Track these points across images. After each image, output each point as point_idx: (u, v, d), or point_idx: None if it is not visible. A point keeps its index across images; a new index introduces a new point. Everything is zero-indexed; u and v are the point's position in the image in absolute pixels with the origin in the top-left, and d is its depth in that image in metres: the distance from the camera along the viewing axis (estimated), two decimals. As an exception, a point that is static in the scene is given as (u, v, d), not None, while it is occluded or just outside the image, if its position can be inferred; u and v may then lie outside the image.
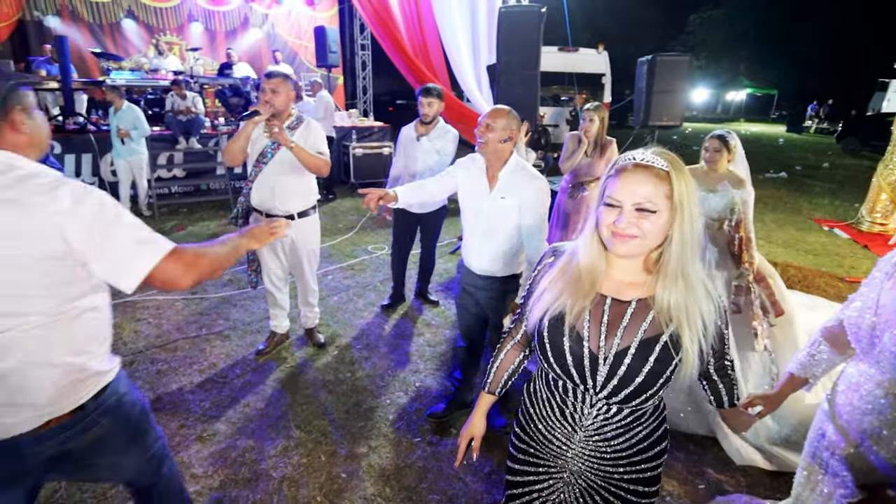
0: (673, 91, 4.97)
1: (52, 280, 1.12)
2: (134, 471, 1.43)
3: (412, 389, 2.89)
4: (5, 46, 8.53)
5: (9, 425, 1.16)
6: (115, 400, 1.31)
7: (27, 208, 1.07)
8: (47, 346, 1.15)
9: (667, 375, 1.06)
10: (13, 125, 1.15)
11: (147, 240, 1.20)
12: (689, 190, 1.01)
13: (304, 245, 2.93)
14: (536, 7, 4.27)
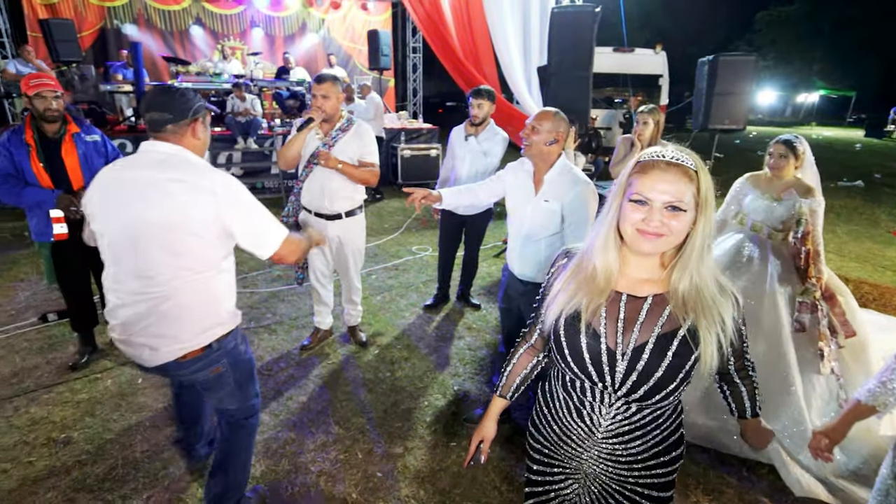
0: (736, 93, 4.70)
1: (207, 242, 1.53)
2: (234, 409, 1.82)
3: (450, 393, 2.88)
4: (88, 52, 9.24)
5: (162, 353, 1.57)
6: (233, 346, 1.71)
7: (194, 188, 1.49)
8: (198, 294, 1.56)
9: (686, 370, 1.06)
10: (194, 131, 1.60)
11: (274, 223, 1.66)
12: (712, 189, 1.03)
13: (350, 244, 2.98)
14: (590, 7, 4.16)
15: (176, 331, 1.55)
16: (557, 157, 2.12)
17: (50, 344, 3.26)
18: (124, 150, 6.58)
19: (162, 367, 1.61)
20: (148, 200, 1.48)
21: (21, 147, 2.59)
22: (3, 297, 3.92)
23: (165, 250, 1.49)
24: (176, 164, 1.52)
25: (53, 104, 2.60)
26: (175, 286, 1.52)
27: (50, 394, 2.76)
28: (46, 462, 2.29)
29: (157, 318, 1.53)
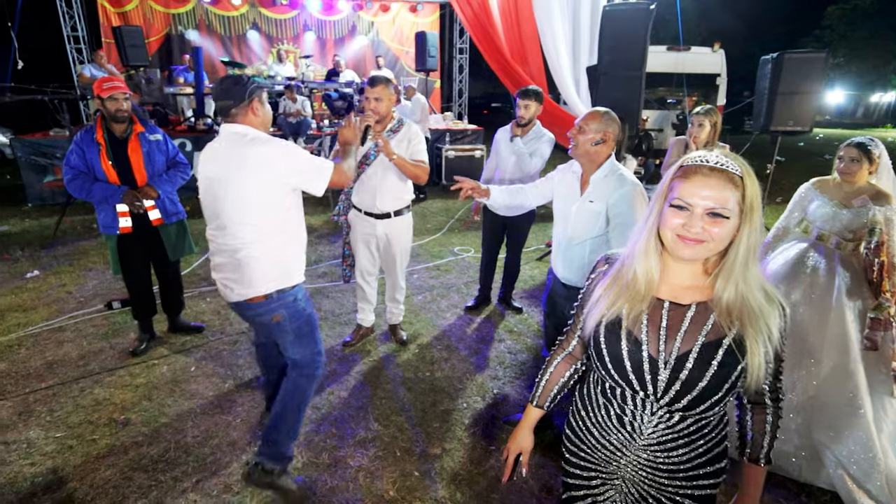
0: (802, 92, 4.42)
1: (270, 203, 1.88)
2: (295, 354, 2.12)
3: (489, 395, 2.85)
4: (154, 57, 9.81)
5: (235, 293, 1.97)
6: (292, 300, 2.01)
7: (256, 158, 1.83)
8: (262, 250, 1.90)
9: (732, 380, 1.02)
10: (252, 110, 1.91)
11: (322, 163, 1.99)
12: (758, 195, 1.00)
13: (397, 243, 3.02)
14: (645, 4, 4.01)
15: (244, 277, 1.92)
16: (606, 158, 2.06)
17: (114, 330, 3.48)
18: (184, 148, 6.94)
19: (236, 305, 2.03)
20: (224, 170, 1.86)
21: (92, 145, 2.78)
22: (73, 284, 4.22)
23: (237, 211, 1.87)
24: (244, 140, 1.86)
25: (124, 105, 2.77)
26: (244, 241, 1.89)
27: (112, 377, 2.95)
28: (107, 441, 2.44)
29: (232, 265, 1.94)
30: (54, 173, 6.67)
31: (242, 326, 3.55)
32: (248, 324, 2.33)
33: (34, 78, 7.20)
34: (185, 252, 3.21)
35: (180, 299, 3.39)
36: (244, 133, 1.87)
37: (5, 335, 3.36)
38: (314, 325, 2.15)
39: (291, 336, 2.07)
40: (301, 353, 2.12)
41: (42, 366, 3.04)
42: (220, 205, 1.89)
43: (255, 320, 2.07)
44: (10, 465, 2.28)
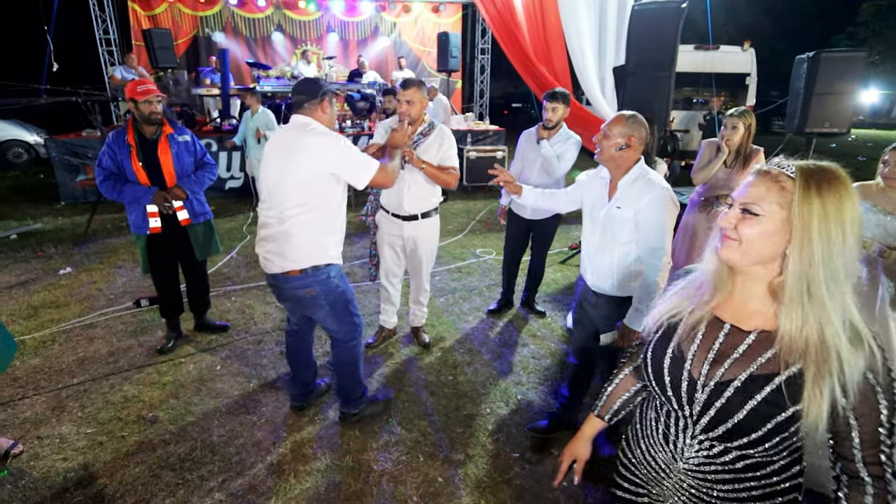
0: (840, 93, 4.25)
1: (320, 186, 2.10)
2: (333, 330, 2.38)
3: (513, 401, 2.81)
4: (181, 59, 10.02)
5: (274, 265, 2.16)
6: (325, 276, 2.20)
7: (314, 146, 2.07)
8: (305, 226, 2.11)
9: (778, 422, 0.91)
10: (322, 108, 2.17)
11: (368, 160, 2.19)
12: (825, 209, 0.85)
13: (423, 245, 3.00)
14: (676, 3, 3.91)
15: (284, 250, 2.12)
16: (633, 163, 2.00)
17: (142, 327, 3.55)
18: (210, 149, 7.06)
19: (274, 278, 2.22)
20: (286, 153, 2.09)
21: (123, 147, 2.83)
22: (103, 282, 4.31)
23: (286, 188, 2.08)
24: (306, 129, 2.11)
25: (157, 108, 2.83)
26: (288, 215, 2.08)
27: (140, 374, 3.00)
28: (136, 438, 2.48)
29: (274, 237, 2.13)
30: (86, 173, 6.86)
31: (267, 326, 3.58)
32: (284, 302, 2.41)
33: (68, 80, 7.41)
34: (211, 252, 3.25)
35: (206, 298, 3.43)
36: (308, 123, 2.13)
37: (39, 331, 3.46)
38: (349, 300, 2.35)
39: (326, 309, 2.27)
40: (337, 325, 2.34)
41: (74, 362, 3.11)
42: (273, 181, 2.11)
43: (291, 294, 2.24)
44: (43, 459, 2.33)
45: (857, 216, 0.86)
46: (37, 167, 9.40)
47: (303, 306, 2.31)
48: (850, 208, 0.86)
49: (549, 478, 2.27)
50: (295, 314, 2.49)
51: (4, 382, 2.86)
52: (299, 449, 2.41)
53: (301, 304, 2.29)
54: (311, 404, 2.72)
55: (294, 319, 2.52)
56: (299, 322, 2.51)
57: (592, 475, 2.29)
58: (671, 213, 1.94)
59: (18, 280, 4.31)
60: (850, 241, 0.85)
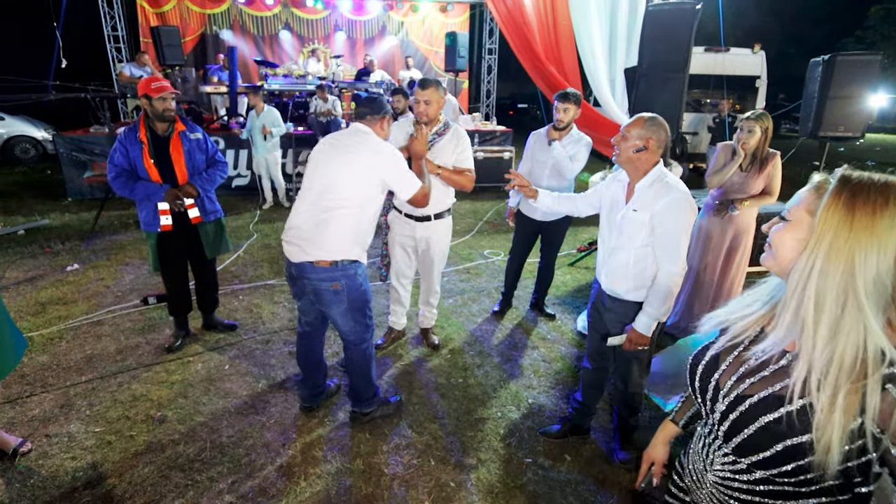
0: (854, 97, 4.21)
1: (365, 186, 2.21)
2: (345, 331, 2.37)
3: (524, 405, 2.78)
4: (189, 56, 10.02)
5: (305, 253, 2.18)
6: (353, 272, 2.25)
7: (369, 151, 2.21)
8: (343, 221, 2.18)
9: (789, 447, 0.85)
10: (381, 125, 2.33)
11: (414, 178, 2.31)
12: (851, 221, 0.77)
13: (436, 246, 2.98)
14: (690, 4, 3.87)
15: (320, 240, 2.17)
16: (651, 165, 1.96)
17: (149, 325, 3.53)
18: (217, 146, 7.04)
19: (299, 267, 2.22)
20: (345, 149, 2.22)
21: (135, 144, 2.81)
22: (111, 279, 4.30)
23: (342, 183, 2.17)
24: (364, 135, 2.27)
25: (171, 105, 2.81)
26: (333, 206, 2.16)
27: (149, 372, 2.98)
28: (145, 438, 2.45)
29: (313, 225, 2.18)
30: (94, 169, 6.86)
31: (275, 326, 3.56)
32: (301, 297, 2.41)
33: (76, 76, 7.42)
34: (221, 250, 3.23)
35: (215, 297, 3.41)
36: (368, 132, 2.28)
37: (47, 327, 3.44)
38: (367, 301, 2.37)
39: (345, 306, 2.27)
40: (350, 326, 2.34)
41: (82, 359, 3.10)
42: (322, 172, 2.21)
43: (313, 287, 2.24)
44: (52, 458, 2.31)
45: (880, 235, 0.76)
46: (44, 163, 9.42)
47: (322, 302, 2.29)
48: (887, 227, 0.76)
49: (563, 484, 2.24)
50: (309, 313, 2.46)
51: (12, 379, 2.84)
52: (309, 451, 2.39)
53: (321, 298, 2.27)
54: (321, 405, 2.69)
55: (307, 319, 2.49)
56: (312, 322, 2.49)
57: (606, 481, 2.26)
58: (688, 217, 1.91)
59: (26, 276, 4.30)
60: (878, 265, 0.76)
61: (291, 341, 3.34)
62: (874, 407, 0.77)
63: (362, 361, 2.46)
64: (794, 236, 0.87)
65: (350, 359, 2.47)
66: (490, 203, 7.11)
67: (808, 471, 0.86)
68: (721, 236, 3.26)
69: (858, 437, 0.79)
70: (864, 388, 0.77)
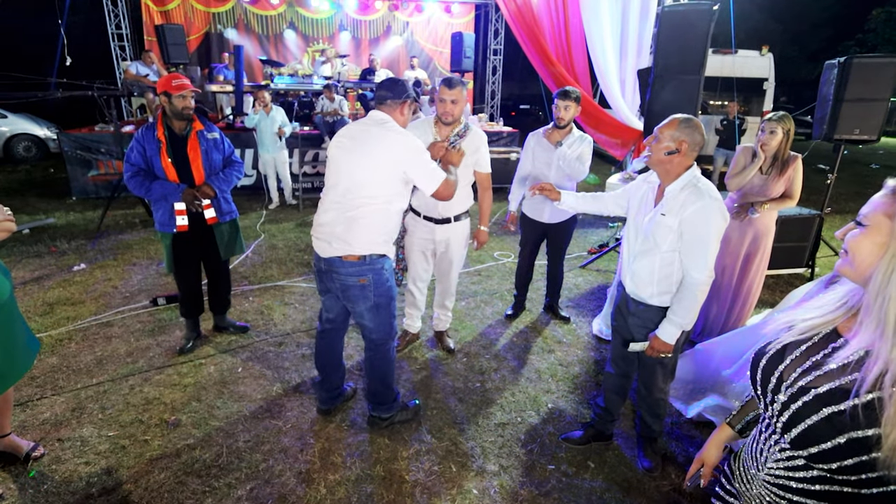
0: (871, 99, 4.17)
1: (389, 179, 2.13)
2: (370, 328, 2.32)
3: (544, 410, 2.73)
4: (193, 55, 9.97)
5: (333, 248, 2.16)
6: (380, 267, 2.22)
7: (391, 141, 2.11)
8: (371, 216, 2.13)
9: (853, 439, 0.84)
10: (401, 109, 2.24)
11: (437, 170, 2.20)
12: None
13: (455, 248, 2.93)
14: (707, 4, 3.83)
15: (348, 235, 2.13)
16: (684, 169, 1.91)
17: (159, 326, 3.48)
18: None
19: (328, 262, 2.20)
20: (359, 142, 2.14)
21: (153, 142, 2.76)
22: (118, 279, 4.25)
23: (359, 178, 2.11)
24: (384, 124, 2.17)
25: (191, 103, 2.78)
26: (360, 203, 2.11)
27: (160, 375, 2.93)
28: (159, 442, 2.41)
29: (341, 222, 2.13)
30: (98, 168, 6.80)
31: (287, 327, 3.51)
32: (327, 293, 2.37)
33: (79, 74, 7.36)
34: (235, 251, 3.19)
35: (228, 298, 3.36)
36: (386, 120, 2.18)
37: (55, 328, 3.39)
38: (392, 298, 2.33)
39: (371, 302, 2.24)
40: (376, 323, 2.30)
41: (92, 361, 3.05)
42: (346, 169, 2.14)
43: (342, 282, 2.21)
44: (65, 463, 2.26)
45: None
46: (46, 161, 9.36)
47: (349, 297, 2.25)
48: None
49: (588, 492, 2.20)
50: (333, 309, 2.42)
51: (22, 382, 2.79)
52: (328, 456, 2.34)
53: (348, 294, 2.24)
54: (338, 409, 2.65)
55: (330, 316, 2.45)
56: (334, 320, 2.45)
57: (632, 489, 2.22)
58: (719, 225, 1.85)
59: (32, 276, 4.25)
60: None
61: (304, 343, 3.30)
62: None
63: (383, 364, 2.41)
64: (874, 241, 0.86)
65: (371, 360, 2.43)
66: (498, 204, 7.05)
67: (870, 468, 0.83)
68: (740, 239, 3.22)
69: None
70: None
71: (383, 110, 2.20)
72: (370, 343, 2.39)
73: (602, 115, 6.11)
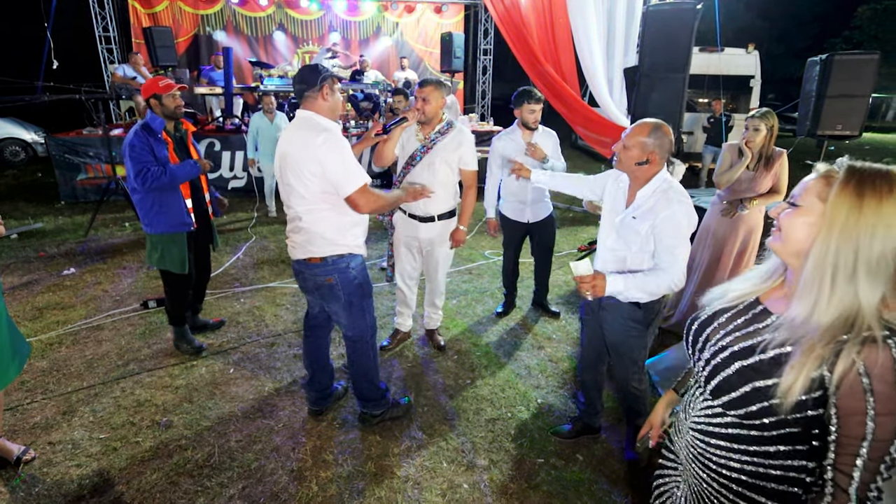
0: (852, 95, 4.26)
1: (324, 189, 2.06)
2: (345, 326, 2.36)
3: (534, 405, 2.77)
4: (182, 57, 9.92)
5: (298, 252, 2.21)
6: (344, 266, 2.21)
7: (312, 142, 2.00)
8: (319, 221, 2.13)
9: (757, 387, 0.96)
10: (323, 95, 2.09)
11: (358, 176, 2.06)
12: (861, 206, 0.86)
13: (441, 247, 2.96)
14: (690, 4, 3.90)
15: (305, 240, 2.16)
16: (654, 174, 1.91)
17: (150, 329, 3.48)
18: (213, 148, 6.99)
19: (298, 263, 2.25)
20: (291, 149, 2.07)
21: (159, 143, 2.79)
22: (108, 282, 4.24)
23: (296, 186, 2.08)
24: (307, 125, 2.07)
25: (181, 101, 2.84)
26: (301, 211, 2.12)
27: (152, 377, 2.93)
28: (151, 444, 2.41)
29: (298, 230, 2.17)
30: (87, 171, 6.76)
31: (278, 328, 3.53)
32: (307, 292, 2.42)
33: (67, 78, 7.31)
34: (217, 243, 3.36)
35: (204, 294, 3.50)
36: (311, 118, 2.10)
37: (46, 333, 3.38)
38: (365, 296, 2.33)
39: (343, 302, 2.26)
40: (350, 320, 2.32)
41: (82, 364, 3.05)
42: (286, 178, 2.11)
43: (313, 282, 2.26)
44: (56, 465, 2.27)
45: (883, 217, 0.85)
46: (34, 165, 9.28)
47: (322, 296, 2.31)
48: (892, 211, 0.85)
49: (576, 484, 2.23)
50: (315, 306, 2.47)
51: (13, 386, 2.78)
52: (319, 454, 2.36)
53: (321, 293, 2.29)
54: (329, 408, 2.67)
55: (313, 313, 2.49)
56: (318, 316, 2.48)
57: (619, 480, 2.26)
58: (685, 226, 1.85)
59: (21, 281, 4.23)
60: (884, 245, 0.85)
61: (296, 343, 3.31)
62: (841, 366, 0.86)
63: (364, 360, 2.44)
64: (805, 220, 0.94)
65: (351, 357, 2.46)
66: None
67: (771, 413, 0.96)
68: (729, 236, 3.26)
69: (816, 389, 0.89)
70: (841, 346, 0.87)
71: (305, 106, 2.11)
72: (348, 340, 2.43)
73: (590, 114, 6.16)
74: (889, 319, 0.86)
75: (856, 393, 0.85)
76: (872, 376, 0.84)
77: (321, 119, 2.10)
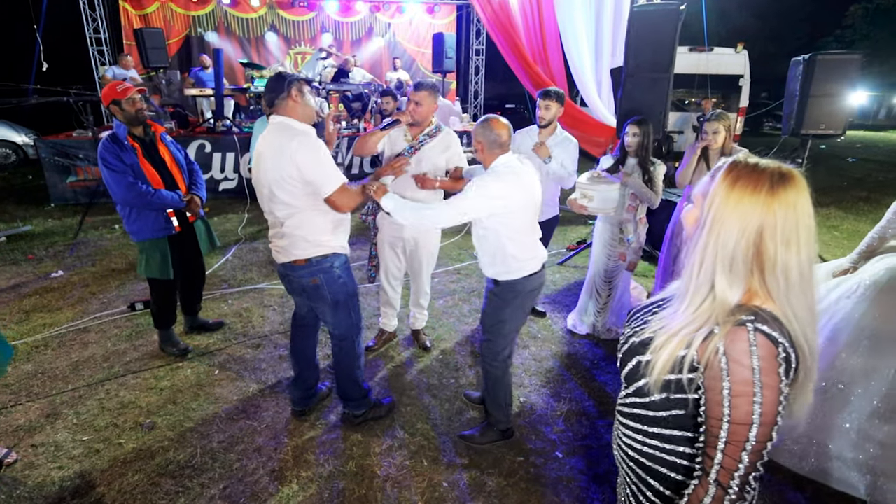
0: (835, 95, 4.30)
1: (303, 191, 2.09)
2: (331, 325, 2.40)
3: (515, 404, 2.79)
4: (173, 59, 9.91)
5: (282, 255, 2.24)
6: (328, 266, 2.24)
7: (288, 147, 2.03)
8: (301, 224, 2.15)
9: (639, 361, 1.03)
10: (292, 99, 2.12)
11: (335, 176, 2.11)
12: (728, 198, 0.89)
13: (425, 247, 2.98)
14: (675, 5, 3.92)
15: (288, 244, 2.19)
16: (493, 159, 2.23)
17: (137, 331, 3.49)
18: (203, 150, 6.98)
19: (283, 266, 2.29)
20: (269, 156, 2.08)
21: (127, 151, 2.77)
22: (96, 285, 4.24)
23: (275, 191, 2.09)
24: (281, 130, 2.10)
25: (143, 104, 2.81)
26: (281, 215, 2.15)
27: (137, 379, 2.94)
28: (133, 445, 2.43)
29: (280, 235, 2.20)
30: (77, 174, 6.75)
31: (265, 329, 3.54)
32: (294, 294, 2.47)
33: (57, 80, 7.30)
34: (215, 244, 3.32)
35: (202, 295, 3.44)
36: (285, 123, 2.13)
37: (32, 335, 3.39)
38: (351, 295, 2.36)
39: (329, 301, 2.29)
40: (336, 319, 2.36)
41: (68, 367, 3.05)
42: (264, 183, 2.13)
43: (298, 283, 2.29)
44: (38, 468, 2.28)
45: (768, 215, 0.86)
46: (25, 168, 9.25)
47: (309, 297, 2.34)
48: (758, 203, 0.86)
49: (554, 481, 2.26)
50: (303, 307, 2.50)
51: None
52: (301, 454, 2.38)
53: (308, 294, 2.32)
54: (313, 408, 2.68)
55: (301, 313, 2.53)
56: (306, 316, 2.51)
57: (598, 477, 2.28)
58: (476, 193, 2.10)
59: (9, 284, 4.23)
60: (747, 236, 0.87)
61: (282, 345, 3.33)
62: (704, 347, 0.90)
63: (348, 359, 2.46)
64: (694, 215, 0.99)
65: (336, 356, 2.49)
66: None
67: (648, 392, 1.01)
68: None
69: (689, 371, 0.92)
70: (710, 329, 0.90)
71: (278, 112, 2.13)
72: (334, 339, 2.46)
73: (579, 114, 6.20)
74: (758, 306, 0.89)
75: (716, 373, 0.88)
76: (730, 357, 0.86)
77: (295, 123, 2.13)
